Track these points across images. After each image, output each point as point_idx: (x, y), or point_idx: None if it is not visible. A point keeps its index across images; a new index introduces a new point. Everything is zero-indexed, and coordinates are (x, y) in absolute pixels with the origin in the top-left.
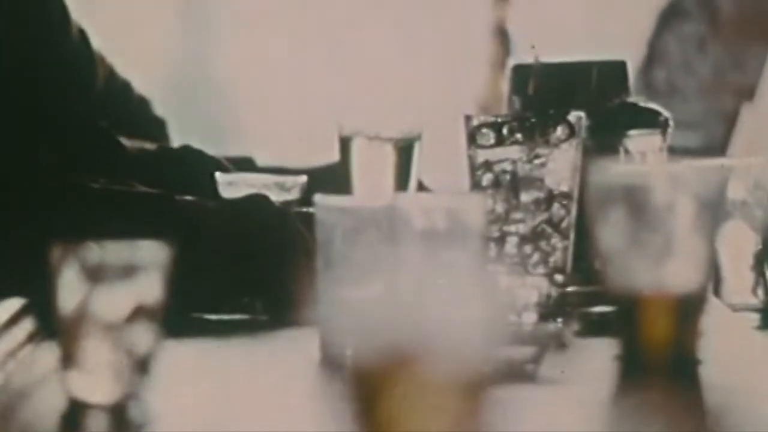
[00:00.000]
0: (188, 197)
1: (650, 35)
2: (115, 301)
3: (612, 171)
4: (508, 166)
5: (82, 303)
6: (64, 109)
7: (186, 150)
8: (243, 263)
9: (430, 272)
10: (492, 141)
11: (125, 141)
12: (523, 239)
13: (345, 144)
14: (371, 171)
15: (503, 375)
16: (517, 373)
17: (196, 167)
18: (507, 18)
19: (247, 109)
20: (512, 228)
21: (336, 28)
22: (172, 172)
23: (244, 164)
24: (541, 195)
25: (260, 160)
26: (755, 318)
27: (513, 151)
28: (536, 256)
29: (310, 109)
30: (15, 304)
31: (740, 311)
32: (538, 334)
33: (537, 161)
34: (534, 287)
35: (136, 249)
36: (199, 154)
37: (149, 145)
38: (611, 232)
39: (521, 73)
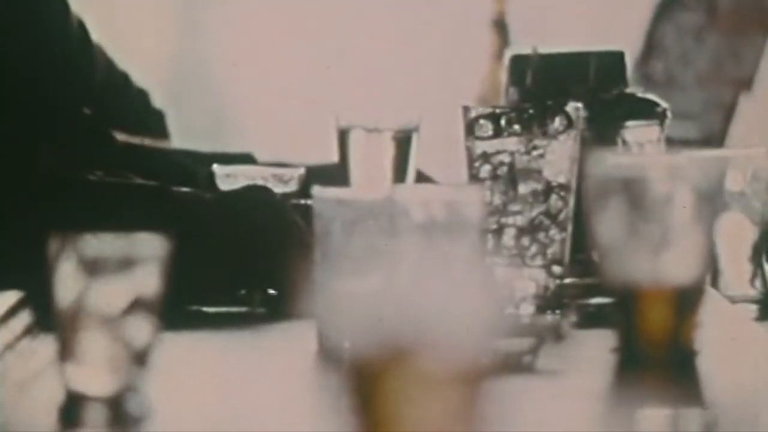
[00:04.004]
0: (185, 189)
1: (648, 26)
2: (112, 293)
3: (610, 162)
4: (506, 158)
5: (80, 295)
6: (63, 101)
7: (181, 152)
8: (240, 256)
9: (428, 264)
10: (490, 132)
11: (122, 135)
12: (521, 231)
13: (343, 136)
14: (369, 163)
15: (501, 366)
16: (515, 365)
17: (192, 166)
18: (505, 9)
19: (246, 104)
20: (510, 220)
21: (334, 19)
22: (168, 168)
23: (244, 160)
24: (539, 186)
25: (260, 156)
26: (753, 309)
27: (511, 143)
28: (534, 248)
29: (309, 102)
30: (12, 296)
31: (738, 303)
32: (535, 326)
33: (535, 153)
34: (532, 279)
35: (133, 241)
36: (194, 155)
37: (145, 142)
38: (609, 224)
39: (519, 64)
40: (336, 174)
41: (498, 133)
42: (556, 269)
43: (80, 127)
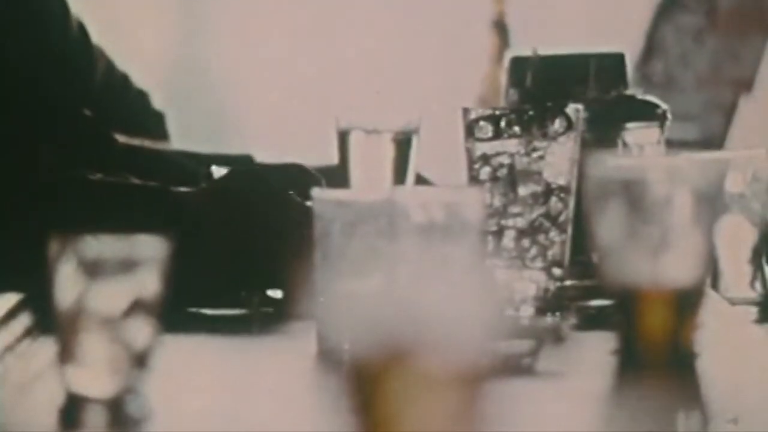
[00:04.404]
0: (184, 189)
1: (648, 27)
2: (112, 295)
3: (610, 164)
4: (505, 160)
5: (80, 297)
6: (63, 102)
7: (180, 153)
8: (240, 257)
9: (428, 266)
10: (490, 134)
11: (122, 136)
12: (521, 233)
13: (343, 137)
14: (369, 164)
15: (501, 369)
16: (515, 367)
17: (192, 167)
18: (505, 10)
19: (246, 105)
20: (510, 222)
21: (334, 21)
22: (167, 169)
23: (244, 162)
24: (539, 188)
25: (259, 157)
26: (753, 311)
27: (511, 144)
28: (534, 250)
29: (309, 104)
30: (13, 298)
31: (738, 305)
32: (535, 328)
33: (535, 154)
34: (532, 281)
35: (133, 243)
36: (194, 156)
37: (145, 144)
38: (609, 226)
39: (519, 65)
40: (336, 175)
41: (498, 134)
42: (556, 271)
43: (80, 128)
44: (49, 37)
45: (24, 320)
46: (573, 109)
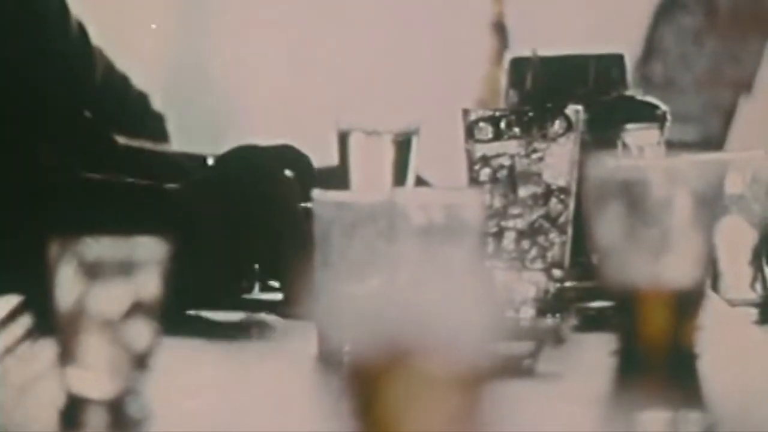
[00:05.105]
0: (181, 185)
1: (648, 29)
2: (112, 297)
3: (610, 165)
4: (505, 161)
5: (80, 299)
6: (63, 103)
7: (180, 155)
8: (242, 254)
9: (428, 267)
10: (490, 135)
11: (121, 138)
12: (521, 234)
13: (343, 139)
14: (369, 166)
15: (501, 370)
16: (515, 368)
17: (192, 169)
18: (504, 11)
19: (246, 106)
20: (510, 223)
21: (334, 22)
22: (167, 171)
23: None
24: (539, 190)
25: None
26: (753, 313)
27: (511, 146)
28: (534, 251)
29: (309, 105)
30: (13, 300)
31: (738, 306)
32: (535, 329)
33: (535, 156)
34: (531, 282)
35: (133, 245)
36: (194, 157)
37: (145, 145)
38: (609, 227)
39: (519, 66)
40: (336, 177)
41: (498, 136)
42: (556, 272)
43: (80, 129)
44: (49, 38)
45: (24, 322)
46: (573, 110)
